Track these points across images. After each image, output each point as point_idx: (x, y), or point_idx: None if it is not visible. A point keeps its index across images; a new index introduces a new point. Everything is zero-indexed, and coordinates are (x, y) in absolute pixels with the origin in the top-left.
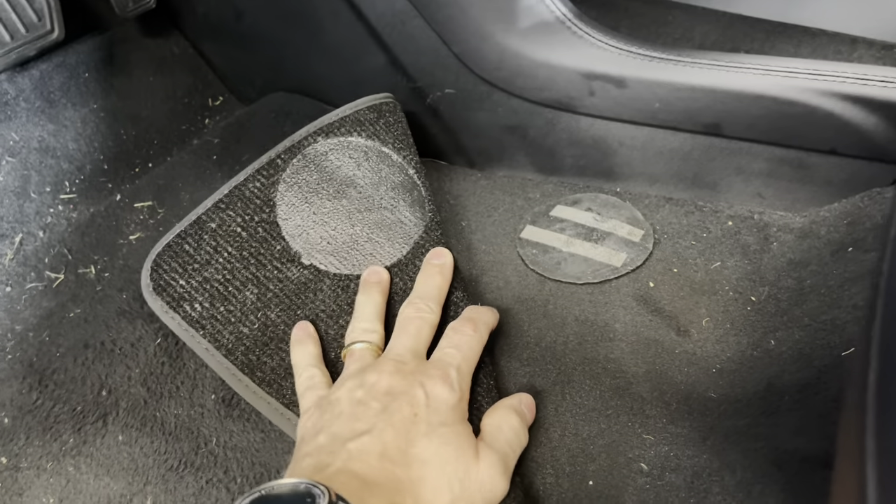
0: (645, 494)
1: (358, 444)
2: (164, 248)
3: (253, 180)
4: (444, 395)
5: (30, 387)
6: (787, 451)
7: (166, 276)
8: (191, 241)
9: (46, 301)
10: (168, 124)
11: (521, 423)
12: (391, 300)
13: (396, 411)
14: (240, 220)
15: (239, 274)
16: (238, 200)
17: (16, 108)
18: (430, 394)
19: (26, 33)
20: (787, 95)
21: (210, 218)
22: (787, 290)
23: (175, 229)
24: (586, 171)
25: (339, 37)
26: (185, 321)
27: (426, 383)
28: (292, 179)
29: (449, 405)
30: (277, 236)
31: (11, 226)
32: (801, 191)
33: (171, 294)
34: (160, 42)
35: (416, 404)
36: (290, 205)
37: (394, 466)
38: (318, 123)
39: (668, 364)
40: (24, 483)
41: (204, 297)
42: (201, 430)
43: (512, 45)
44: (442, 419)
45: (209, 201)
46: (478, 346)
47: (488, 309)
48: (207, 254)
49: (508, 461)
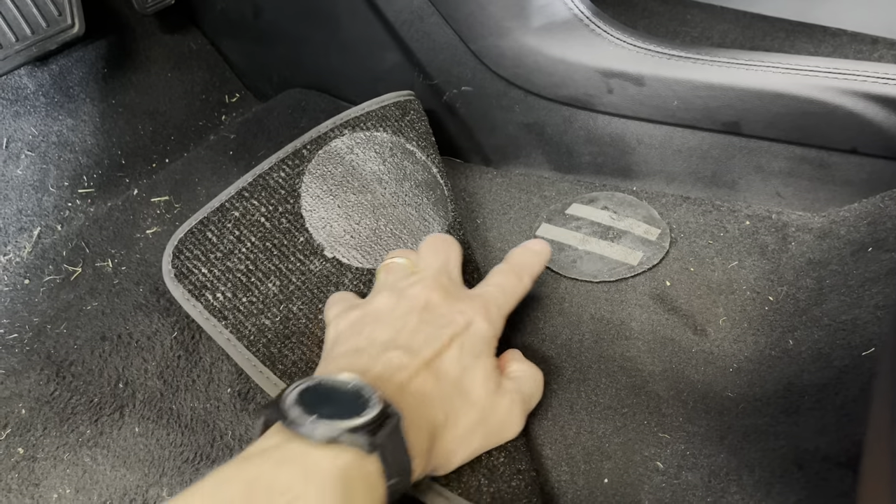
0: (661, 493)
1: (396, 354)
2: (187, 234)
3: (277, 170)
4: (483, 329)
5: (47, 378)
6: (808, 451)
7: (189, 263)
8: (213, 229)
9: (64, 294)
10: (185, 120)
11: (540, 375)
12: None
13: (434, 330)
14: (264, 209)
15: (262, 265)
16: (262, 189)
17: (35, 102)
18: (469, 323)
19: (47, 27)
20: (808, 94)
21: (233, 206)
22: (806, 289)
23: (197, 215)
24: (603, 170)
25: (357, 33)
26: (207, 310)
27: (467, 312)
28: (317, 171)
29: (485, 339)
30: (301, 228)
31: (30, 219)
32: (820, 190)
33: (193, 282)
34: (178, 38)
35: (455, 329)
36: (315, 196)
37: (425, 382)
38: (344, 117)
39: (684, 363)
40: (41, 473)
41: (226, 286)
42: (217, 423)
43: (529, 42)
44: (477, 351)
45: (232, 189)
46: (521, 293)
47: (534, 253)
48: (231, 243)
49: (528, 405)
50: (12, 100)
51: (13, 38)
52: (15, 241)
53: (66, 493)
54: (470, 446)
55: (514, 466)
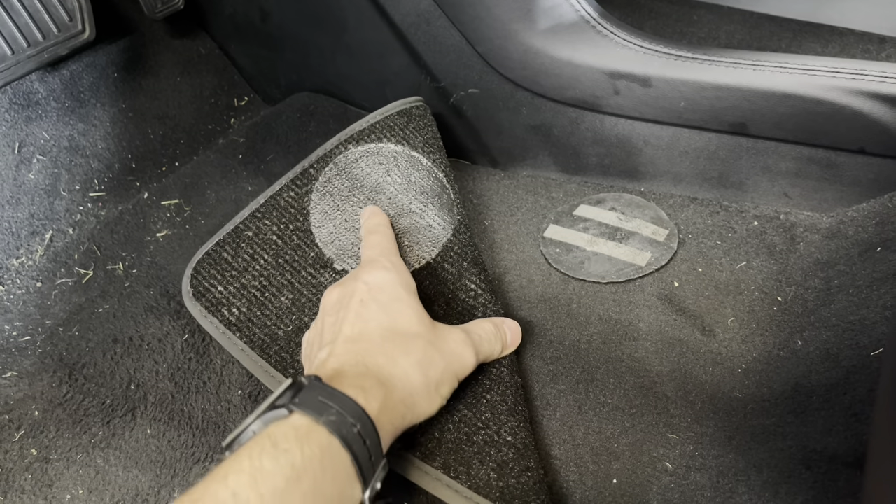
0: (669, 493)
1: (322, 353)
2: (204, 255)
3: (287, 190)
4: (382, 275)
5: (60, 380)
6: (816, 451)
7: (205, 282)
8: (229, 249)
9: (76, 297)
10: (195, 124)
11: (494, 329)
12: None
13: (344, 308)
14: (275, 228)
15: (275, 280)
16: (273, 210)
17: (46, 107)
18: (368, 281)
19: (58, 33)
20: (815, 94)
21: (247, 227)
22: (815, 290)
23: (214, 238)
24: (610, 171)
25: (364, 37)
26: (223, 324)
27: (361, 275)
28: (324, 188)
29: (391, 282)
30: (311, 244)
31: (42, 223)
32: (828, 190)
33: (210, 299)
34: (187, 43)
35: (357, 293)
36: (323, 213)
37: (352, 345)
38: (350, 131)
39: (692, 364)
40: (54, 474)
41: (241, 302)
42: (228, 424)
43: (536, 44)
44: (391, 295)
45: (246, 211)
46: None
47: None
48: (245, 261)
49: (479, 348)
50: (24, 105)
51: (25, 43)
52: (27, 245)
53: (78, 494)
54: (429, 373)
55: (522, 463)
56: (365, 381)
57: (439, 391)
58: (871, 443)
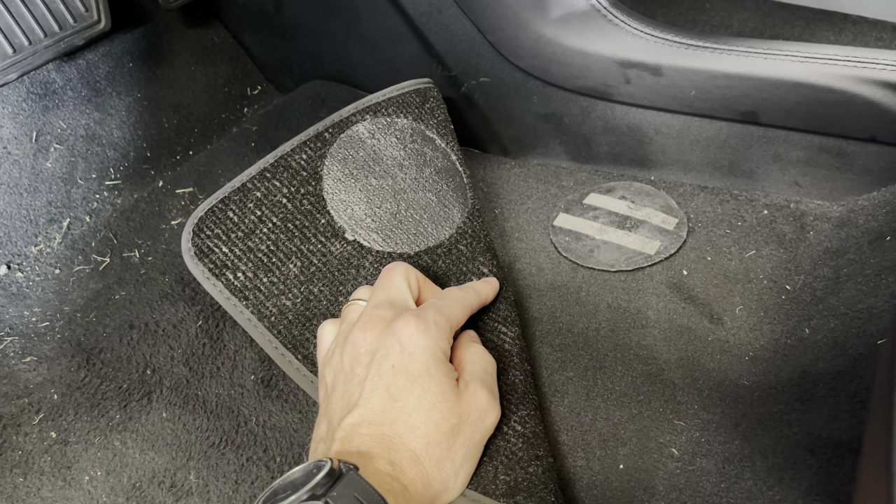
0: (676, 479)
1: (350, 419)
2: (207, 212)
3: (300, 151)
4: (419, 341)
5: (78, 365)
6: (821, 438)
7: (209, 241)
8: (235, 209)
9: (93, 283)
10: (208, 112)
11: (482, 349)
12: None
13: (376, 372)
14: (286, 190)
15: (283, 246)
16: (284, 171)
17: (63, 96)
18: (403, 342)
19: (74, 23)
20: (827, 83)
21: (255, 186)
22: (823, 278)
23: (218, 194)
24: (621, 160)
25: (376, 25)
26: (228, 289)
27: (398, 331)
28: (339, 154)
29: (427, 351)
30: (322, 210)
31: (60, 211)
32: (839, 179)
33: (214, 261)
34: (201, 32)
35: (391, 356)
36: (337, 179)
37: (381, 428)
38: (365, 102)
39: (700, 351)
40: (73, 456)
41: (247, 266)
42: (241, 409)
43: (547, 33)
44: (420, 367)
45: (254, 169)
46: (462, 299)
47: (488, 282)
48: (252, 223)
49: (490, 384)
50: (41, 94)
51: (41, 34)
52: (45, 233)
53: (97, 476)
54: (453, 447)
55: (532, 452)
56: (395, 484)
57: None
58: (865, 436)
